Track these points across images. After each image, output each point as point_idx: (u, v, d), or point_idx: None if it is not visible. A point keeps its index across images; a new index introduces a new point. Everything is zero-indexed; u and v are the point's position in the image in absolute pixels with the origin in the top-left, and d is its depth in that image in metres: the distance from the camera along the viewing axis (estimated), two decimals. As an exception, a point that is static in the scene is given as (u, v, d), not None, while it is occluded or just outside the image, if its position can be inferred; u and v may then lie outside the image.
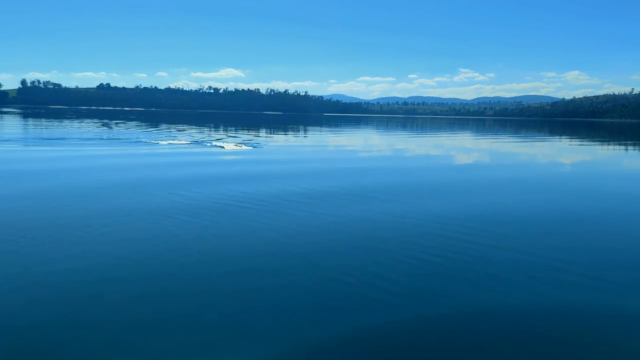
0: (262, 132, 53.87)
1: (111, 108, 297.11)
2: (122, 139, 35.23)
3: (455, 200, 13.62)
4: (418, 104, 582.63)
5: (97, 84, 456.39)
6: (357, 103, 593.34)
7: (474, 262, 7.93)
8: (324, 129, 71.29)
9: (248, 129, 60.43)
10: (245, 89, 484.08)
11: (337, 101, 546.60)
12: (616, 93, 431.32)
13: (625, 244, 9.32)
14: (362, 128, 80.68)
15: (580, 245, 9.19)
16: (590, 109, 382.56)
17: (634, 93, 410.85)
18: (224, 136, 42.87)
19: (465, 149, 36.06)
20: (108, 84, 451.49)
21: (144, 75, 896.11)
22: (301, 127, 76.55)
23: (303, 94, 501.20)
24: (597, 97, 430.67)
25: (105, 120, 77.74)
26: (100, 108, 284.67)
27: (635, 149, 40.33)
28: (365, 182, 16.48)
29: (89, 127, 53.24)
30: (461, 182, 17.53)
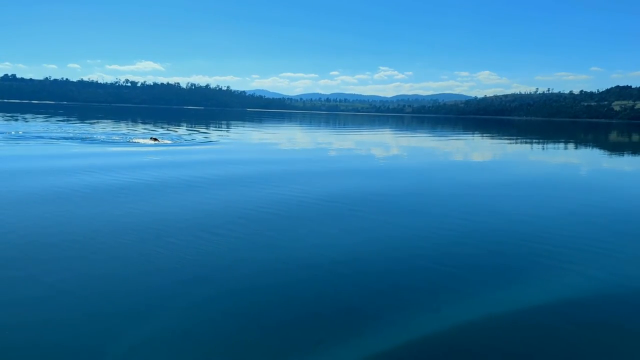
0: (184, 128, 52.95)
1: (17, 101, 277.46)
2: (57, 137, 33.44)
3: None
4: (340, 100, 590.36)
5: (1, 75, 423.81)
6: (280, 99, 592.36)
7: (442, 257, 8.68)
8: (251, 125, 70.99)
9: (168, 124, 59.15)
10: (165, 82, 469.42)
11: (260, 96, 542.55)
12: (522, 92, 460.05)
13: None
14: (288, 124, 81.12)
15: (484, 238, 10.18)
16: (500, 107, 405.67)
17: (538, 93, 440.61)
18: (147, 131, 41.85)
19: (397, 146, 37.56)
20: (14, 75, 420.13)
21: (54, 66, 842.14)
22: (224, 122, 75.80)
23: (225, 88, 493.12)
24: (506, 96, 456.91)
25: (14, 114, 72.84)
26: (5, 101, 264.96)
27: (548, 145, 43.76)
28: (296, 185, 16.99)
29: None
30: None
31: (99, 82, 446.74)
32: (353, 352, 4.97)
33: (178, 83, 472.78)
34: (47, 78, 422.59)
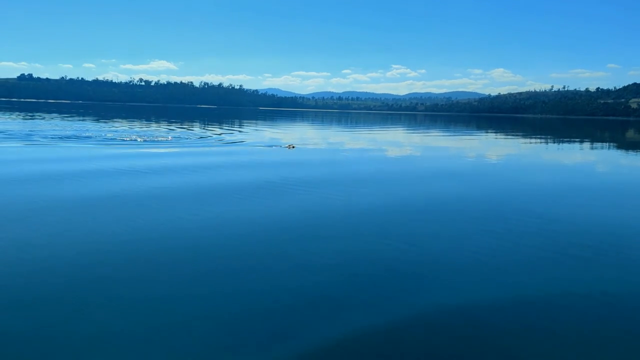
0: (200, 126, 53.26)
1: (34, 100, 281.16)
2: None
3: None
4: (352, 99, 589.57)
5: (18, 74, 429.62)
6: (292, 97, 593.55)
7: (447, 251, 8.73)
8: (267, 123, 71.25)
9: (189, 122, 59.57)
10: (178, 81, 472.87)
11: (273, 95, 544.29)
12: (537, 90, 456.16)
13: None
14: (303, 122, 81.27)
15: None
16: (514, 105, 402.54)
17: (553, 90, 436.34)
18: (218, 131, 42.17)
19: (420, 145, 37.48)
20: (30, 75, 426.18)
21: (70, 66, 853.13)
22: (237, 121, 76.10)
23: (238, 87, 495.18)
24: (520, 93, 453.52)
25: (41, 114, 73.76)
26: (22, 100, 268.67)
27: (564, 143, 43.36)
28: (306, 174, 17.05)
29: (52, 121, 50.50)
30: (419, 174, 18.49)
31: (113, 81, 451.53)
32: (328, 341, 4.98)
33: (191, 82, 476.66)
34: (63, 77, 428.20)
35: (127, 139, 29.21)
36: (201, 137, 33.81)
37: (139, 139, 28.94)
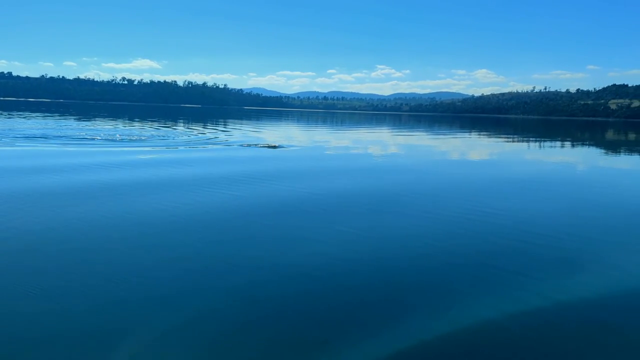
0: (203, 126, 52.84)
1: (14, 99, 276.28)
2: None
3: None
4: (337, 99, 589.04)
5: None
6: (277, 97, 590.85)
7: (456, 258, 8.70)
8: (251, 123, 70.86)
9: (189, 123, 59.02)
10: (162, 80, 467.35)
11: (258, 94, 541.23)
12: (519, 91, 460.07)
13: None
14: (289, 122, 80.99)
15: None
16: (497, 106, 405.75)
17: (535, 91, 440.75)
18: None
19: (406, 145, 37.54)
20: (10, 73, 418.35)
21: (50, 64, 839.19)
22: (223, 120, 75.60)
23: (222, 86, 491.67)
24: (503, 94, 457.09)
25: (18, 112, 72.44)
26: (1, 99, 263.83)
27: (546, 143, 43.83)
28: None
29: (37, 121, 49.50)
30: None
31: (95, 80, 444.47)
32: (359, 353, 4.95)
33: (175, 81, 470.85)
34: (43, 76, 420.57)
35: (97, 138, 28.85)
36: (183, 138, 33.50)
37: (112, 138, 28.82)
